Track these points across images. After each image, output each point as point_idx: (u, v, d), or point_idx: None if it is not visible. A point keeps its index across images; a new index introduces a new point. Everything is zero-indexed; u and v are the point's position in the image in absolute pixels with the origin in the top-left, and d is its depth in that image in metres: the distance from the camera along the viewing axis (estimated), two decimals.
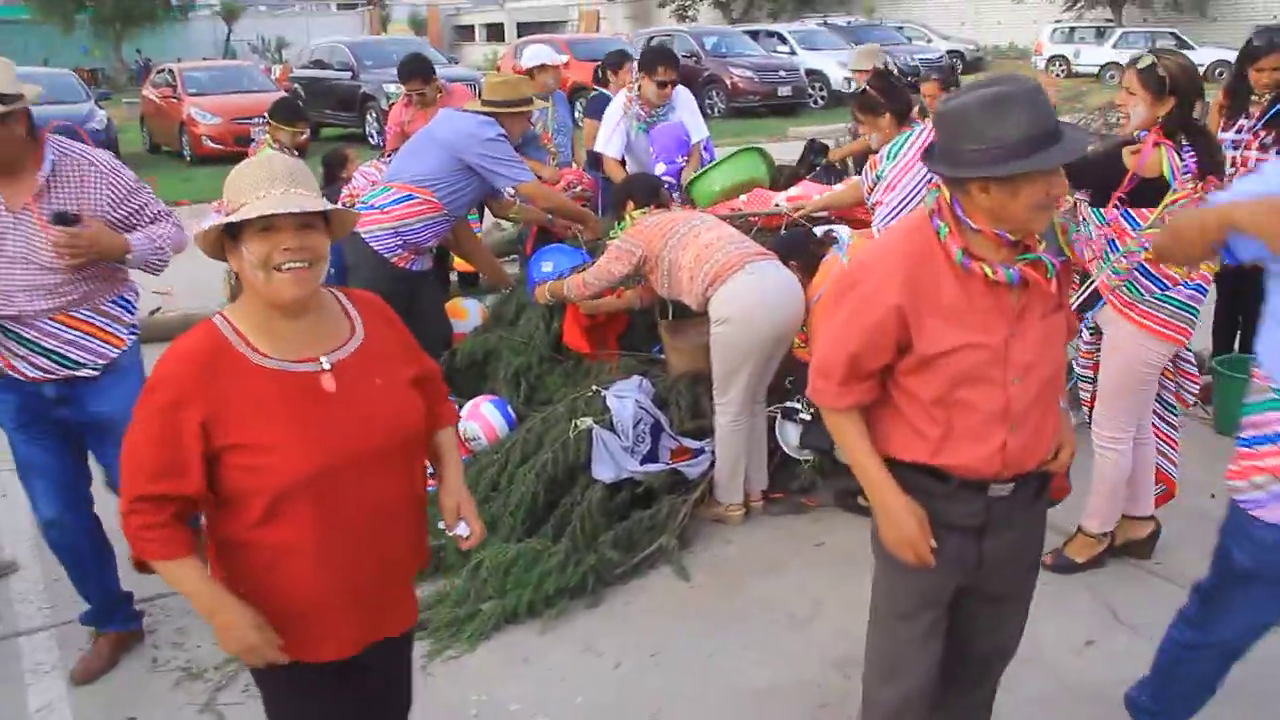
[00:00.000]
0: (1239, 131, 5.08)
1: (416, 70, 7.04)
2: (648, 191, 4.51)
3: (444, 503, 2.29)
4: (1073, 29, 29.73)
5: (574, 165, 6.81)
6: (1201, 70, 24.55)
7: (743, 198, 5.49)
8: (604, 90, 7.31)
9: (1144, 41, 27.02)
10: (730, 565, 4.11)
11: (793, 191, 5.47)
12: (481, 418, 4.55)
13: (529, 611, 3.69)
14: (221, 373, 1.94)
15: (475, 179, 4.79)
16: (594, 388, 4.37)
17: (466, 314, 5.55)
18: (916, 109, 6.07)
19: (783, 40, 25.39)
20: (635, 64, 6.43)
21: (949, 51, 26.20)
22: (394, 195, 4.72)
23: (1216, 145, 3.76)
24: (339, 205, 4.91)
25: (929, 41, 29.90)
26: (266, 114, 6.62)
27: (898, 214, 4.35)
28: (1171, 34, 26.98)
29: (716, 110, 20.92)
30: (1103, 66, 26.88)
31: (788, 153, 11.97)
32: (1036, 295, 2.20)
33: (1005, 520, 2.31)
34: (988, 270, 2.13)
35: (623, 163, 6.33)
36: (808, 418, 4.47)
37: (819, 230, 4.72)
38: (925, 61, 25.37)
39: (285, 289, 1.94)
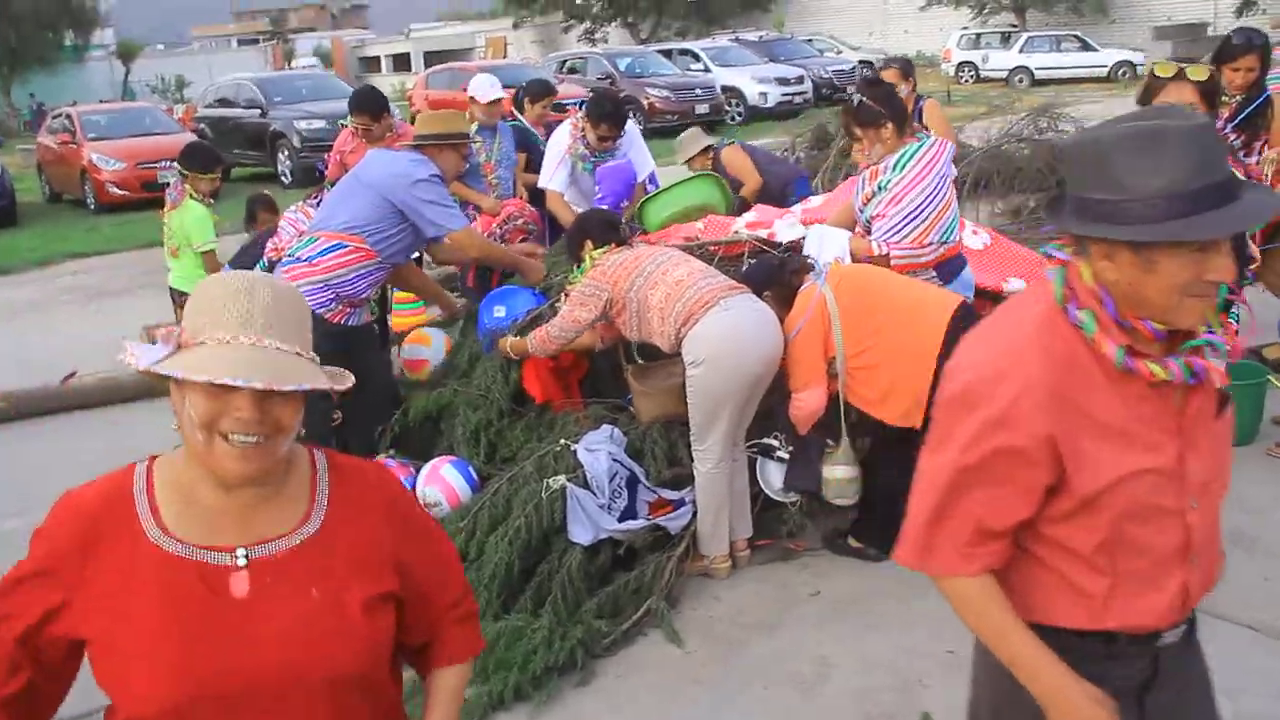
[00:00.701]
0: None
1: (365, 105, 6.68)
2: (605, 229, 4.22)
3: None
4: (979, 35, 30.26)
5: (515, 197, 6.49)
6: (1104, 72, 25.05)
7: (699, 225, 5.23)
8: (521, 119, 7.03)
9: (1049, 45, 27.63)
10: (723, 624, 3.82)
11: (750, 217, 5.23)
12: (442, 481, 4.20)
13: (517, 695, 3.36)
14: (105, 542, 1.49)
15: (410, 222, 4.46)
16: (562, 441, 4.06)
17: (430, 341, 5.20)
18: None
19: (696, 58, 25.36)
20: (581, 106, 6.15)
21: (861, 62, 26.39)
22: (321, 245, 4.35)
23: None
24: (269, 258, 4.59)
25: (839, 53, 30.18)
26: (179, 162, 6.14)
27: (901, 230, 4.11)
28: (1075, 37, 27.59)
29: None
30: (1011, 71, 27.38)
31: None
32: (1205, 392, 1.70)
33: (1172, 667, 1.81)
34: (1156, 369, 1.61)
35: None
36: (786, 456, 4.21)
37: (803, 246, 4.45)
38: (839, 74, 25.71)
39: (230, 464, 1.46)
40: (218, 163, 6.20)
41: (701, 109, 21.86)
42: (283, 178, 16.93)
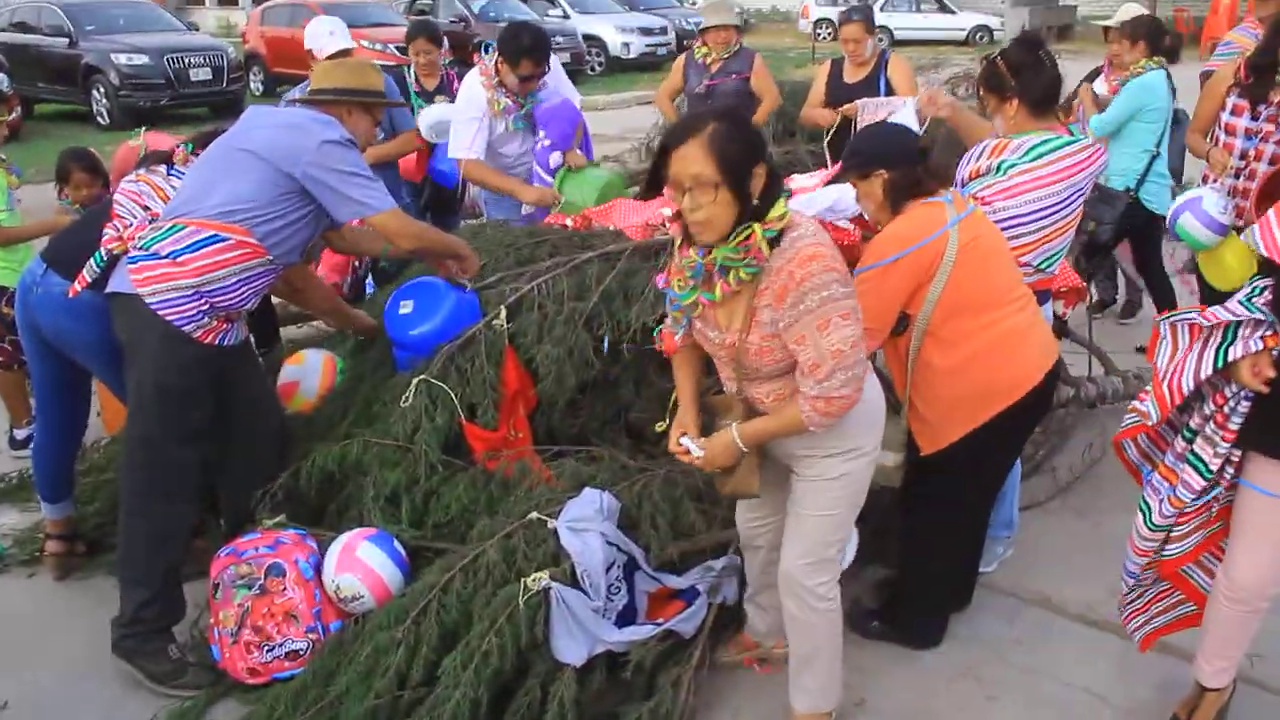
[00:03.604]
0: (1256, 119, 4.25)
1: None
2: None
3: None
4: None
5: None
6: (963, 35, 25.04)
7: (666, 211, 4.21)
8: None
9: (909, 5, 27.44)
10: None
11: None
12: (361, 566, 3.08)
13: None
14: None
15: (314, 205, 3.28)
16: (534, 515, 3.00)
17: (303, 360, 4.00)
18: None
19: (554, 3, 23.95)
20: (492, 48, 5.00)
21: None
22: (190, 237, 3.11)
23: None
24: (109, 250, 3.31)
25: (695, 4, 29.19)
26: None
27: (1004, 232, 3.16)
28: None
29: None
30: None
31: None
32: None
33: None
34: None
35: None
36: None
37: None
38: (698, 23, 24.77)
39: None
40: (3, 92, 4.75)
41: (562, 58, 20.43)
42: (99, 118, 14.86)
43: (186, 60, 15.10)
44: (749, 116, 2.36)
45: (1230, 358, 2.48)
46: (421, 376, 3.47)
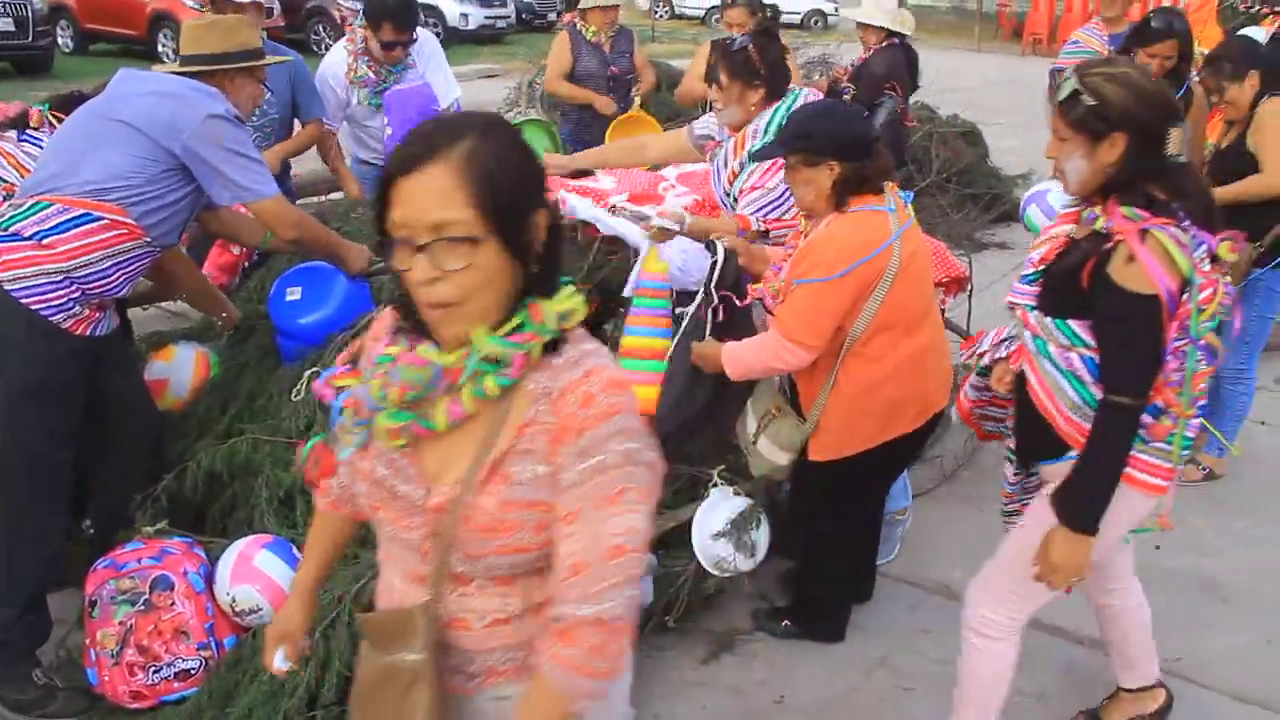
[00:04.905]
0: None
1: None
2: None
3: None
4: None
5: None
6: (798, 19, 25.24)
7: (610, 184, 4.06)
8: None
9: None
10: None
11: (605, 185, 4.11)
12: (259, 576, 2.84)
13: None
14: None
15: (196, 184, 3.01)
16: None
17: (172, 355, 3.67)
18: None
19: None
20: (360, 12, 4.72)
21: None
22: (58, 216, 2.79)
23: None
24: None
25: None
26: None
27: (778, 204, 3.36)
28: None
29: (323, 48, 18.54)
30: (709, 10, 27.22)
31: None
32: None
33: None
34: None
35: None
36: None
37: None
38: None
39: None
40: None
41: None
42: None
43: None
44: (515, 130, 1.46)
45: (985, 363, 2.65)
46: (314, 368, 3.25)
